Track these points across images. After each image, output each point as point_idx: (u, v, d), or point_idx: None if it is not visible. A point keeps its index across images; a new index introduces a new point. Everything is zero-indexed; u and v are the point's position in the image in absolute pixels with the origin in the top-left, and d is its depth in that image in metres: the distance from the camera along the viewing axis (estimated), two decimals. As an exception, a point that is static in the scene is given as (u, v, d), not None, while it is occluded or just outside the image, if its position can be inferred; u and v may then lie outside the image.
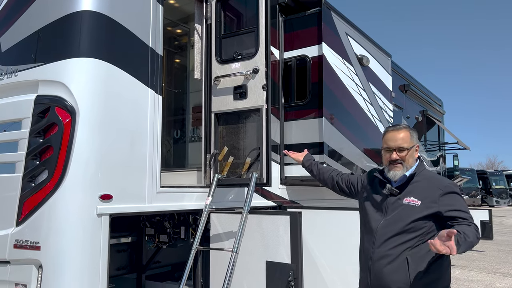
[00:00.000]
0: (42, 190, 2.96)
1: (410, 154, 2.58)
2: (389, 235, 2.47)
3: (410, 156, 2.58)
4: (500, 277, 7.67)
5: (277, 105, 5.07)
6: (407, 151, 2.57)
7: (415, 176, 2.55)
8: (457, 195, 2.45)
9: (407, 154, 2.57)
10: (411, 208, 2.44)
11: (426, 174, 2.60)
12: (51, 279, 2.82)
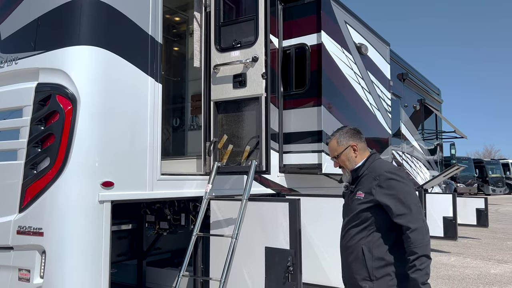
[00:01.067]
0: (44, 177, 3.00)
1: (345, 158, 2.70)
2: (347, 228, 2.63)
3: (346, 159, 2.70)
4: (494, 264, 7.79)
5: (276, 93, 5.10)
6: (339, 157, 2.71)
7: (363, 170, 2.65)
8: (393, 181, 2.49)
9: (340, 159, 2.72)
10: (358, 200, 2.57)
11: (373, 165, 2.64)
12: (55, 264, 2.88)
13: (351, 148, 2.69)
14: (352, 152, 2.69)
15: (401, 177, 2.53)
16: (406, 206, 2.43)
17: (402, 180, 2.51)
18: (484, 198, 10.63)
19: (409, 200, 2.45)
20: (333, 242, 4.40)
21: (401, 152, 9.28)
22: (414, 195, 2.51)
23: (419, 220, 2.42)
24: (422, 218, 2.46)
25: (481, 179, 31.17)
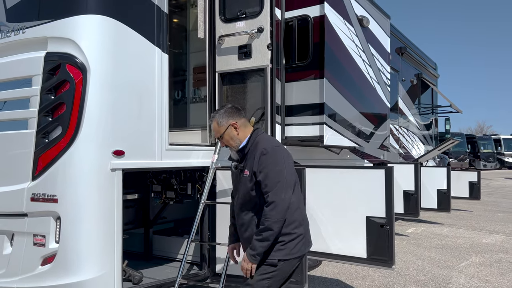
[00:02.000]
0: (56, 146, 3.05)
1: (228, 137, 2.77)
2: (240, 206, 2.74)
3: (229, 138, 2.77)
4: (486, 234, 8.05)
5: (279, 65, 5.11)
6: (223, 137, 2.78)
7: (248, 147, 2.73)
8: (265, 157, 2.58)
9: (224, 139, 2.78)
10: (245, 178, 2.67)
11: (256, 142, 2.71)
12: (70, 230, 2.96)
13: (231, 127, 2.75)
14: (234, 131, 2.75)
15: (273, 153, 2.59)
16: (271, 181, 2.54)
17: (273, 155, 2.58)
18: (478, 171, 10.86)
19: (273, 176, 2.53)
20: (333, 212, 4.57)
21: (397, 126, 9.39)
22: (281, 171, 2.56)
23: (278, 196, 2.51)
24: (284, 195, 2.52)
25: (473, 155, 31.58)
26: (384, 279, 5.19)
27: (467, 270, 5.61)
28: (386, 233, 4.24)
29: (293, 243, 2.62)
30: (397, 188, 6.63)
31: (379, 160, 7.68)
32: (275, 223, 2.50)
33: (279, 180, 2.54)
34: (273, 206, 2.50)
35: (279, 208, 2.50)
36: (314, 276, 5.29)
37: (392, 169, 4.30)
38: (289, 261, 2.63)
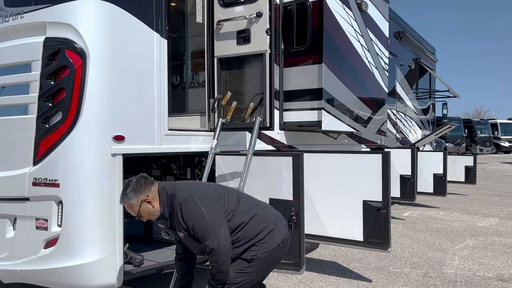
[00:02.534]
0: (57, 131, 3.07)
1: (146, 213, 2.72)
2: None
3: (147, 214, 2.73)
4: (480, 218, 8.17)
5: (277, 50, 5.11)
6: (142, 215, 2.73)
7: (166, 213, 2.71)
8: (182, 213, 2.61)
9: (140, 216, 2.73)
10: (185, 238, 2.70)
11: (169, 202, 2.70)
12: (72, 214, 3.01)
13: (144, 203, 2.67)
14: (148, 205, 2.68)
15: (186, 206, 2.60)
16: (200, 232, 2.58)
17: (187, 208, 2.60)
18: (474, 155, 10.94)
19: (199, 227, 2.58)
20: (330, 196, 4.64)
21: (395, 111, 9.42)
22: (202, 219, 2.58)
23: (213, 242, 2.56)
24: (217, 240, 2.56)
25: (470, 139, 31.73)
26: (380, 262, 5.30)
27: (461, 252, 5.72)
28: (382, 217, 4.32)
29: (266, 241, 2.75)
30: (393, 172, 6.71)
31: (376, 144, 7.73)
32: (221, 265, 2.59)
33: (206, 228, 2.56)
34: (213, 254, 2.58)
35: (219, 253, 2.56)
36: (311, 259, 5.39)
37: (389, 154, 4.36)
38: (263, 256, 2.74)
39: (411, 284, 4.53)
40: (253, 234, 2.74)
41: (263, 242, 2.75)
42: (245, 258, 2.72)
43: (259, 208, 2.90)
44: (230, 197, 2.81)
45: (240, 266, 2.71)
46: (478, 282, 4.58)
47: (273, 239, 2.78)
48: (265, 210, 2.94)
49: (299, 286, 4.48)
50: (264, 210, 2.93)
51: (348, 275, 4.82)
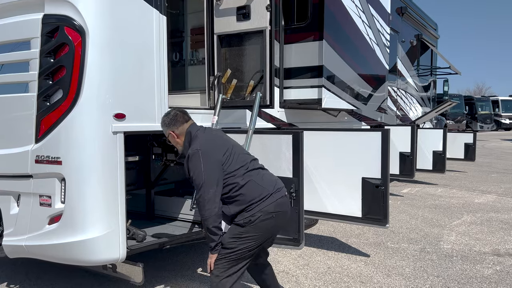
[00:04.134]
0: (58, 109, 3.08)
1: (173, 141, 3.10)
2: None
3: (174, 142, 3.10)
4: (478, 194, 8.26)
5: (278, 27, 5.06)
6: (167, 139, 3.15)
7: (184, 153, 3.00)
8: (187, 162, 2.86)
9: (171, 142, 3.12)
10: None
11: (186, 152, 2.94)
12: (75, 190, 3.05)
13: (171, 135, 3.04)
14: (175, 138, 3.05)
15: (192, 158, 2.82)
16: (195, 184, 2.80)
17: (193, 160, 2.81)
18: (473, 133, 10.97)
19: (195, 179, 2.79)
20: (330, 173, 4.68)
21: (396, 88, 9.39)
22: (199, 174, 2.77)
23: (201, 196, 2.76)
24: (206, 195, 2.74)
25: (470, 116, 31.67)
26: (378, 237, 5.40)
27: (458, 228, 5.82)
28: (381, 193, 4.37)
29: (257, 208, 2.81)
30: (393, 149, 6.76)
31: (376, 122, 7.75)
32: (205, 221, 2.76)
33: (199, 183, 2.77)
34: (199, 207, 2.80)
35: (203, 208, 2.75)
36: (311, 235, 5.49)
37: (389, 132, 4.38)
38: (255, 222, 2.79)
39: (408, 259, 4.63)
40: (246, 198, 2.82)
41: (254, 208, 2.80)
42: (238, 223, 2.82)
43: (259, 176, 2.94)
44: (235, 161, 2.90)
45: (235, 231, 2.82)
46: (474, 257, 4.68)
47: (266, 207, 2.82)
48: (265, 178, 2.97)
49: (298, 261, 4.58)
50: (264, 177, 2.96)
51: (346, 250, 4.92)
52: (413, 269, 4.34)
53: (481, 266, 4.43)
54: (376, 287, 3.91)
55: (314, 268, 4.39)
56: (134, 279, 3.38)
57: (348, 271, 4.30)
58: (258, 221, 2.80)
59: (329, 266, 4.44)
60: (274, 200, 2.87)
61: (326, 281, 4.05)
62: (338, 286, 3.95)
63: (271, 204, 2.85)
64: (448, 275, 4.17)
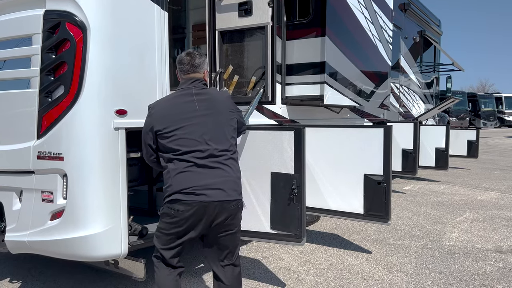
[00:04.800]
0: (59, 105, 3.08)
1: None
2: None
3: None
4: (481, 191, 8.24)
5: (280, 23, 5.04)
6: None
7: None
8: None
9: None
10: None
11: None
12: (77, 186, 3.06)
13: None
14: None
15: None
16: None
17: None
18: (476, 130, 10.93)
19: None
20: (332, 170, 4.67)
21: (398, 84, 9.35)
22: (143, 126, 2.83)
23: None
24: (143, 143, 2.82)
25: (473, 113, 31.56)
26: (380, 234, 5.39)
27: (460, 225, 5.80)
28: (383, 190, 4.37)
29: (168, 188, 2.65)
30: (395, 146, 6.74)
31: (378, 119, 7.73)
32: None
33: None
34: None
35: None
36: (312, 231, 5.49)
37: (391, 128, 4.36)
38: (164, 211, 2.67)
39: (410, 255, 4.63)
40: (165, 181, 2.69)
41: (166, 195, 2.66)
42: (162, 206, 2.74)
43: (184, 169, 2.62)
44: (176, 142, 2.63)
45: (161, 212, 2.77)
46: (476, 254, 4.67)
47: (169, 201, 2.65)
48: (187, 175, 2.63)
49: (300, 257, 4.58)
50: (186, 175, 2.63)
51: (348, 247, 4.92)
52: (415, 265, 4.33)
53: (483, 263, 4.42)
54: (378, 284, 3.91)
55: (316, 264, 4.39)
56: (136, 275, 3.39)
57: (350, 267, 4.30)
58: (166, 210, 2.67)
59: (331, 262, 4.44)
60: (180, 200, 2.60)
61: (328, 278, 4.05)
62: (340, 282, 3.94)
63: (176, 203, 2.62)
64: (450, 272, 4.16)
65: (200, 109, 2.71)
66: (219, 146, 2.69)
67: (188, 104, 2.72)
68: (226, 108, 2.81)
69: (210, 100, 2.78)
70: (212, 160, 2.66)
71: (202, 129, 2.67)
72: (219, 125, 2.73)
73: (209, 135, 2.67)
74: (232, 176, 2.73)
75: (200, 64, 2.86)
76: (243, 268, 4.25)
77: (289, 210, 3.58)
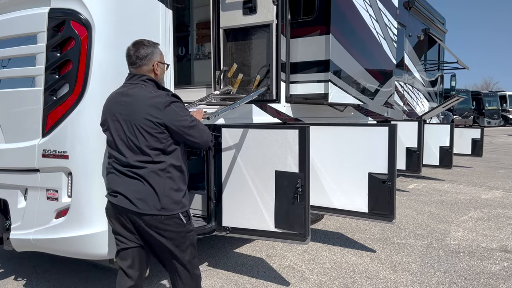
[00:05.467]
0: (64, 104, 3.08)
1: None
2: None
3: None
4: (486, 190, 8.20)
5: (284, 21, 5.02)
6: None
7: None
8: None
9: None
10: None
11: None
12: (81, 185, 3.06)
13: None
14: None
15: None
16: None
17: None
18: (481, 128, 10.88)
19: None
20: (336, 168, 4.66)
21: (402, 83, 9.32)
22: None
23: None
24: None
25: (477, 112, 31.41)
26: (384, 233, 5.38)
27: (465, 224, 5.78)
28: (387, 189, 4.35)
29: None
30: (399, 145, 6.71)
31: (383, 117, 7.70)
32: None
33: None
34: None
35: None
36: (316, 230, 5.48)
37: (396, 127, 4.35)
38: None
39: (415, 254, 4.61)
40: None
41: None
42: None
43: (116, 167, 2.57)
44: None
45: None
46: (481, 253, 4.65)
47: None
48: (117, 177, 2.57)
49: (304, 256, 4.57)
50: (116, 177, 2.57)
51: (352, 246, 4.91)
52: (420, 265, 4.32)
53: (488, 262, 4.40)
54: (382, 283, 3.90)
55: (320, 263, 4.38)
56: (140, 273, 3.38)
57: (354, 266, 4.29)
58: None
59: (335, 261, 4.43)
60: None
61: (332, 276, 4.04)
62: (344, 281, 3.94)
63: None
64: (455, 271, 4.15)
65: (121, 112, 2.54)
66: (135, 156, 2.51)
67: (115, 105, 2.58)
68: (144, 114, 2.48)
69: (131, 104, 2.53)
70: (130, 170, 2.53)
71: (118, 135, 2.54)
72: (133, 133, 2.49)
73: (123, 143, 2.53)
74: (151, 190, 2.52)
75: (145, 57, 2.62)
76: (247, 266, 4.25)
77: (293, 209, 3.58)
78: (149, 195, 2.52)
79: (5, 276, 4.11)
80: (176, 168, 2.60)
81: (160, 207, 2.53)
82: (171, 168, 2.57)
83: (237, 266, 4.29)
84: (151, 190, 2.52)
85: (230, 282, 3.91)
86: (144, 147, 2.49)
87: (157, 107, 2.49)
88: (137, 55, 2.62)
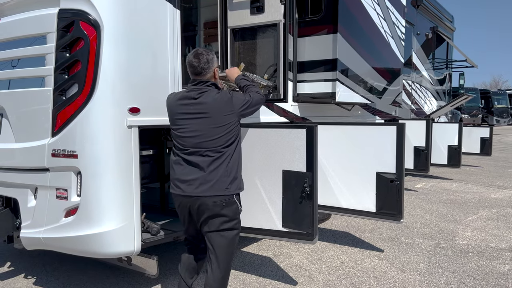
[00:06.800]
0: (73, 103, 3.11)
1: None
2: None
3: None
4: (495, 189, 8.13)
5: (291, 20, 5.01)
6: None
7: None
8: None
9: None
10: None
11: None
12: (91, 184, 3.09)
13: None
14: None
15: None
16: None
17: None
18: (490, 127, 10.79)
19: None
20: (343, 167, 4.65)
21: (410, 81, 9.27)
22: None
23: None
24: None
25: (486, 110, 31.10)
26: (392, 232, 5.36)
27: (474, 224, 5.74)
28: (395, 188, 4.33)
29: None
30: (407, 144, 6.68)
31: (390, 116, 7.66)
32: None
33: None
34: None
35: None
36: (324, 229, 5.47)
37: (404, 126, 4.32)
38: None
39: (423, 254, 4.59)
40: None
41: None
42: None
43: (184, 160, 2.85)
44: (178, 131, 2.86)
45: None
46: (490, 253, 4.62)
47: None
48: (185, 167, 2.86)
49: (311, 255, 4.57)
50: (184, 166, 2.86)
51: (360, 245, 4.90)
52: (428, 264, 4.30)
53: (497, 262, 4.36)
54: (390, 283, 3.88)
55: (328, 262, 4.38)
56: (148, 272, 3.41)
57: (361, 266, 4.28)
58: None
59: (343, 260, 4.42)
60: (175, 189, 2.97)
61: (340, 276, 4.04)
62: (352, 281, 3.93)
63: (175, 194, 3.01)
64: (464, 271, 4.12)
65: (192, 112, 2.82)
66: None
67: (185, 106, 2.84)
68: (221, 113, 2.84)
69: (204, 106, 2.83)
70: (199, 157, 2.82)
71: (193, 131, 2.81)
72: (210, 129, 2.81)
73: (199, 138, 2.81)
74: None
75: (207, 66, 2.88)
76: (254, 265, 4.26)
77: (301, 208, 3.57)
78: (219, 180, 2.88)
79: (15, 274, 4.16)
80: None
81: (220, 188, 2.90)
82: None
83: (244, 265, 4.30)
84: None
85: (237, 281, 3.92)
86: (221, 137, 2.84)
87: (227, 103, 2.86)
88: (202, 66, 2.86)
